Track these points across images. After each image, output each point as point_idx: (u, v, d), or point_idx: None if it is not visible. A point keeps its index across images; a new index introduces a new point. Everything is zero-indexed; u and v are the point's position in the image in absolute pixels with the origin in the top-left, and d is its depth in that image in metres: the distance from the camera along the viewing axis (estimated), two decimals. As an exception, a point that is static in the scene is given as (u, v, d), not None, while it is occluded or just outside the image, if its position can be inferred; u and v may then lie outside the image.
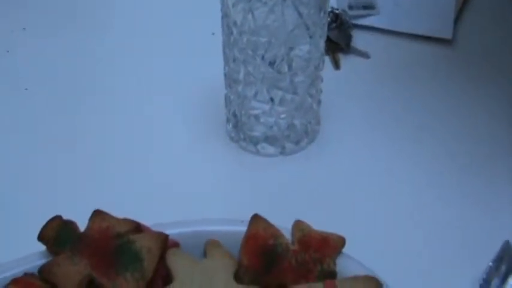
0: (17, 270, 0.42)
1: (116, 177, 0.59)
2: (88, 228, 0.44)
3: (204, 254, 0.44)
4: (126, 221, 0.44)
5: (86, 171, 0.59)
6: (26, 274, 0.42)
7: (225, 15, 0.54)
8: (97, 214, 0.44)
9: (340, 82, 0.67)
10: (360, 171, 0.59)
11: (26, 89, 0.68)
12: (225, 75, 0.58)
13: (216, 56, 0.59)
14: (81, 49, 0.74)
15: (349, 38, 0.72)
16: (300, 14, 0.52)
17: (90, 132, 0.63)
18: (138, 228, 0.44)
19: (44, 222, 0.44)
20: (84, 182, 0.58)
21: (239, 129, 0.59)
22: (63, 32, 0.76)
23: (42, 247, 0.43)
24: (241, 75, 0.56)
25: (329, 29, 0.69)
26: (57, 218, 0.44)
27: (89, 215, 0.44)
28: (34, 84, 0.69)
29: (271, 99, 0.56)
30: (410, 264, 0.51)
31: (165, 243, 0.43)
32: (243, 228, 0.44)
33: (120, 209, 0.44)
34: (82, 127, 0.64)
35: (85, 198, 0.54)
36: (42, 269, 0.42)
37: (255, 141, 0.59)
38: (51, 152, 0.61)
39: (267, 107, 0.57)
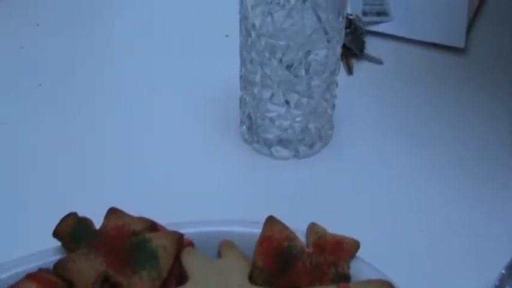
0: (32, 265, 0.42)
1: (130, 177, 0.58)
2: (104, 225, 0.44)
3: (219, 255, 0.44)
4: (141, 219, 0.44)
5: (100, 169, 0.59)
6: (40, 269, 0.42)
7: (243, 18, 0.54)
8: (112, 212, 0.44)
9: (353, 87, 0.68)
10: (372, 176, 0.59)
11: (40, 85, 0.68)
12: (241, 77, 0.58)
13: (229, 58, 0.60)
14: (95, 46, 0.74)
15: (362, 44, 0.72)
16: (319, 18, 0.52)
17: (104, 130, 0.63)
18: (153, 226, 0.44)
19: (59, 219, 0.43)
20: (99, 180, 0.58)
21: (253, 131, 0.59)
22: (76, 29, 0.76)
23: (57, 243, 0.43)
24: (257, 78, 0.56)
25: (343, 34, 0.70)
26: (72, 215, 0.44)
27: (104, 213, 0.44)
28: (47, 80, 0.69)
29: (287, 102, 0.56)
30: (422, 269, 0.51)
31: (180, 242, 0.43)
32: (258, 230, 0.44)
33: (133, 209, 0.44)
34: (96, 125, 0.64)
35: (100, 196, 0.54)
36: (57, 265, 0.41)
37: (268, 144, 0.59)
38: (66, 148, 0.61)
39: (282, 110, 0.57)
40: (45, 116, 0.65)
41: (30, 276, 0.41)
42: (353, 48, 0.72)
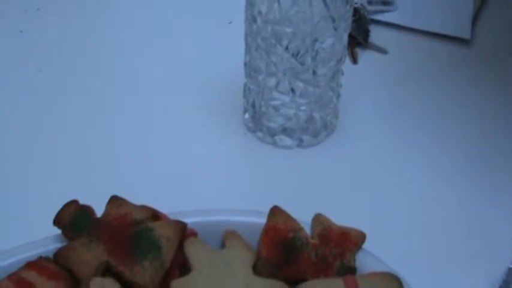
0: (32, 253, 0.41)
1: (133, 166, 0.58)
2: (105, 213, 0.43)
3: (223, 245, 0.43)
4: (143, 208, 0.43)
5: (102, 156, 0.59)
6: (40, 258, 0.41)
7: (249, 4, 0.54)
8: (114, 200, 0.44)
9: (357, 77, 0.67)
10: (377, 166, 0.58)
11: (40, 70, 0.68)
12: (245, 64, 0.58)
13: (232, 45, 0.59)
14: (95, 31, 0.73)
15: (367, 33, 0.72)
16: (326, 6, 0.51)
17: (105, 117, 0.63)
18: (155, 215, 0.43)
19: (60, 207, 0.43)
20: (101, 168, 0.58)
21: (257, 119, 0.59)
22: (76, 13, 0.76)
23: (57, 232, 0.43)
24: (262, 65, 0.55)
25: (348, 23, 0.69)
26: (73, 203, 0.43)
27: (106, 201, 0.43)
28: (47, 65, 0.68)
29: (292, 91, 0.55)
30: (428, 263, 0.50)
31: (184, 232, 0.42)
32: (262, 220, 0.43)
33: (136, 198, 0.44)
34: (97, 111, 0.63)
35: (101, 184, 0.53)
36: (58, 254, 0.41)
37: (272, 133, 0.59)
38: (67, 134, 0.61)
39: (287, 98, 0.56)
40: (45, 101, 0.64)
41: (30, 265, 0.41)
42: (358, 37, 0.71)
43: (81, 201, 0.43)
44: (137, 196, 0.44)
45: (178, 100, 0.64)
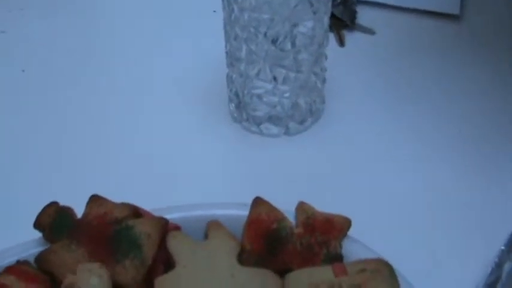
0: (13, 259, 0.41)
1: (116, 160, 0.57)
2: (85, 214, 0.42)
3: (206, 236, 0.43)
4: (124, 205, 0.42)
5: (84, 154, 0.58)
6: (18, 262, 0.41)
7: (225, -8, 0.53)
8: (94, 199, 0.43)
9: (344, 59, 0.66)
10: (366, 151, 0.57)
11: (23, 71, 0.67)
12: (227, 53, 0.57)
13: (218, 34, 0.58)
14: (78, 30, 0.73)
15: (353, 14, 0.71)
16: (303, -11, 0.50)
17: (88, 114, 0.62)
18: (136, 212, 0.43)
19: (40, 208, 0.42)
20: (83, 165, 0.57)
21: (242, 109, 0.58)
22: (60, 13, 0.75)
23: (38, 235, 0.42)
24: (243, 54, 0.54)
25: (333, 5, 0.68)
26: (53, 205, 0.43)
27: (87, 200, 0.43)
28: (31, 65, 0.68)
29: (274, 78, 0.54)
30: (418, 248, 0.49)
31: (165, 228, 0.42)
32: (245, 212, 0.43)
33: (121, 193, 0.43)
34: (80, 110, 0.62)
35: (83, 182, 0.53)
36: (39, 258, 0.40)
37: (258, 122, 0.58)
38: (48, 135, 0.60)
39: (270, 86, 0.55)
40: (28, 101, 0.63)
41: (8, 269, 0.40)
42: (344, 19, 0.70)
43: (64, 202, 0.43)
44: (122, 191, 0.43)
45: (164, 91, 0.64)
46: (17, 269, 0.40)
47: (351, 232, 0.42)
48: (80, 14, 0.75)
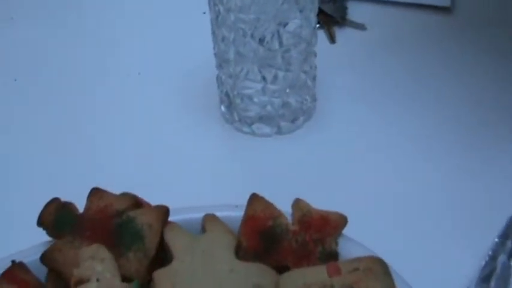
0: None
1: (110, 161, 0.57)
2: (86, 208, 0.42)
3: (203, 229, 0.42)
4: (124, 196, 0.42)
5: (79, 156, 0.58)
6: (13, 262, 0.40)
7: (211, -7, 0.53)
8: (95, 193, 0.43)
9: (336, 56, 0.66)
10: (359, 148, 0.57)
11: (15, 80, 0.67)
12: (215, 55, 0.57)
13: (208, 35, 0.58)
14: (69, 38, 0.73)
15: (344, 10, 0.70)
16: (288, -13, 0.50)
17: (80, 118, 0.62)
18: (137, 203, 0.42)
19: (39, 208, 0.42)
20: (78, 168, 0.57)
21: (233, 110, 0.58)
22: (51, 22, 0.75)
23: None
24: (231, 55, 0.54)
25: (323, 1, 0.68)
26: (54, 201, 0.42)
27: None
28: (23, 74, 0.68)
29: (264, 78, 0.54)
30: (412, 242, 0.49)
31: (166, 215, 0.42)
32: (239, 213, 0.42)
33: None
34: (72, 115, 0.62)
35: (81, 182, 0.53)
36: (44, 256, 0.40)
37: (249, 122, 0.58)
38: (41, 142, 0.60)
39: (259, 86, 0.55)
40: (20, 110, 0.63)
41: (3, 275, 0.40)
42: (334, 16, 0.70)
43: (64, 198, 0.43)
44: (116, 191, 0.43)
45: (156, 93, 0.64)
46: (13, 274, 0.40)
47: (345, 230, 0.42)
48: (70, 22, 0.75)
